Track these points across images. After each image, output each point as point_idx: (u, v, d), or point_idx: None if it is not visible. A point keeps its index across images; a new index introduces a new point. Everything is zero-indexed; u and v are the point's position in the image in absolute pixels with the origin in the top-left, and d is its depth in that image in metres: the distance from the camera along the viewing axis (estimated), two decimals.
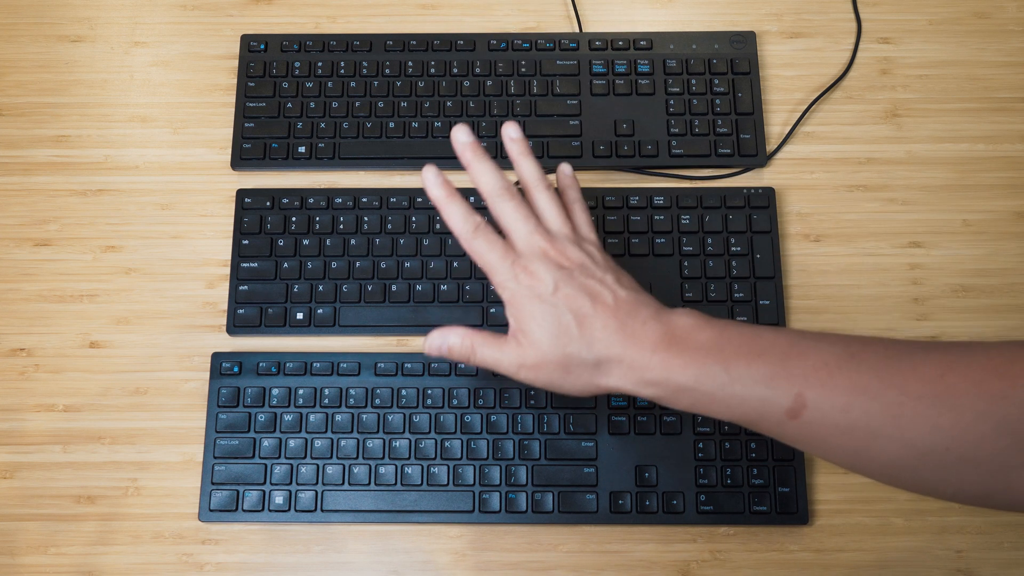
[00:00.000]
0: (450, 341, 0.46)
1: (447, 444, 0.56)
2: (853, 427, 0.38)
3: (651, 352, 0.42)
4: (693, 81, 0.65)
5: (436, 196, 0.46)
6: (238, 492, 0.55)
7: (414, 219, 0.61)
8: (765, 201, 0.61)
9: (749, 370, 0.40)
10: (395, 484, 0.55)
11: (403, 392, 0.57)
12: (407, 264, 0.60)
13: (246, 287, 0.60)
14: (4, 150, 0.64)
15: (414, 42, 0.66)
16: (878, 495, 0.56)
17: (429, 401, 0.57)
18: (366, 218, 0.61)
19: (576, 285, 0.43)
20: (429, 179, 0.46)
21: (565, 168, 0.51)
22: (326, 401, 0.57)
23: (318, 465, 0.56)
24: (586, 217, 0.48)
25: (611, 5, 0.69)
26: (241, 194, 0.62)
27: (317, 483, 0.56)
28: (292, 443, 0.56)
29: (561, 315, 0.43)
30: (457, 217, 0.46)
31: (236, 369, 0.58)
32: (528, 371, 0.45)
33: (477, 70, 0.65)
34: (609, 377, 0.43)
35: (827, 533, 0.56)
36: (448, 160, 0.63)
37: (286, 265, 0.60)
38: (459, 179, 0.64)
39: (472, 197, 0.62)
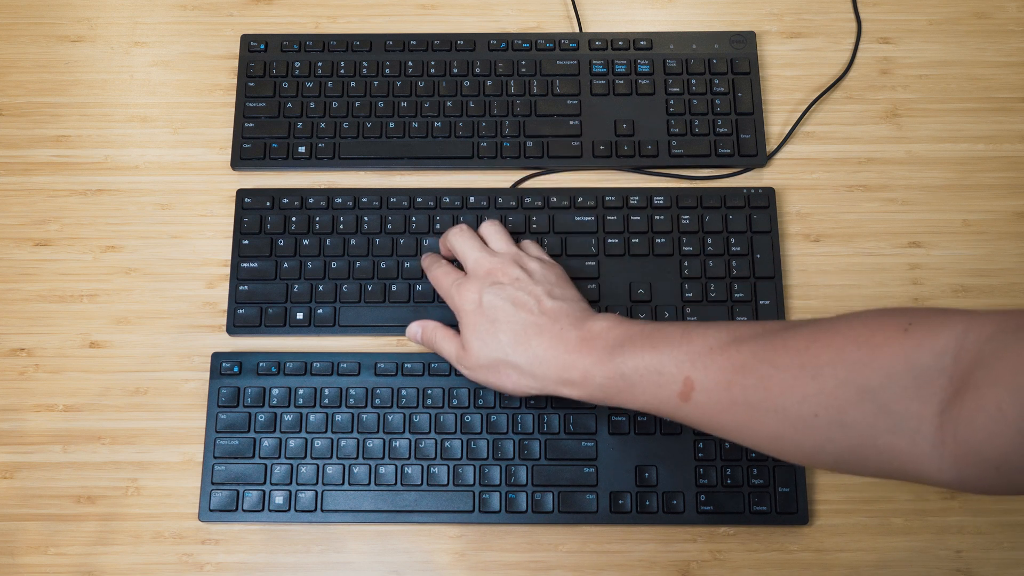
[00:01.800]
0: (415, 330, 0.56)
1: (447, 444, 0.56)
2: (735, 403, 0.41)
3: (567, 353, 0.47)
4: (693, 81, 0.65)
5: (424, 263, 0.58)
6: (238, 492, 0.55)
7: (414, 219, 0.61)
8: (765, 201, 0.61)
9: (643, 360, 0.45)
10: (395, 484, 0.55)
11: (403, 392, 0.57)
12: (407, 264, 0.60)
13: (246, 287, 0.60)
14: (4, 150, 0.64)
15: (414, 42, 0.66)
16: (878, 495, 0.56)
17: (429, 401, 0.57)
18: (366, 218, 0.61)
19: (504, 296, 0.50)
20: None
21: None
22: (326, 401, 0.57)
23: (318, 465, 0.56)
24: (534, 244, 0.57)
25: (611, 5, 0.69)
26: (241, 194, 0.62)
27: (317, 483, 0.56)
28: (292, 443, 0.56)
29: (487, 323, 0.50)
30: (426, 259, 0.58)
31: (236, 369, 0.58)
32: (465, 369, 0.52)
33: (477, 70, 0.65)
34: (535, 378, 0.49)
35: (827, 533, 0.56)
36: (445, 160, 0.63)
37: (286, 265, 0.60)
38: (459, 179, 0.64)
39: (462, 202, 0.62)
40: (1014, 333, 0.35)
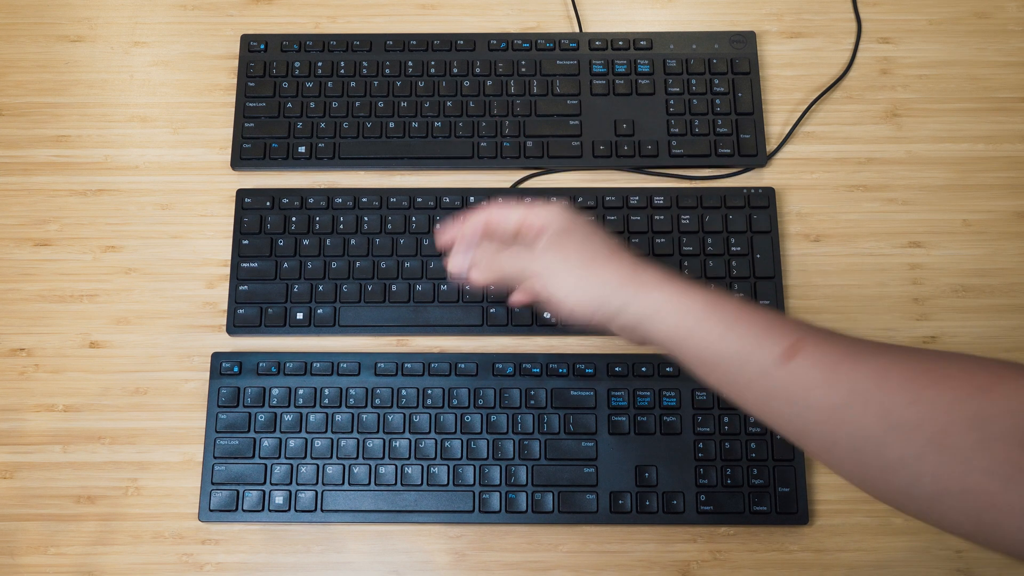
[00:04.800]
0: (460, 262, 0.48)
1: (447, 444, 0.56)
2: (838, 383, 0.38)
3: (663, 278, 0.42)
4: (693, 81, 0.65)
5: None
6: (238, 492, 0.55)
7: (414, 219, 0.61)
8: (765, 201, 0.61)
9: (754, 311, 0.41)
10: (395, 484, 0.55)
11: (403, 392, 0.57)
12: (407, 264, 0.60)
13: (246, 287, 0.60)
14: (4, 150, 0.64)
15: (414, 42, 0.66)
16: None
17: (429, 401, 0.57)
18: (366, 218, 0.61)
19: (586, 228, 0.44)
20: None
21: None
22: (326, 401, 0.57)
23: (318, 465, 0.56)
24: None
25: (611, 5, 0.69)
26: (241, 194, 0.62)
27: (317, 483, 0.56)
28: (292, 443, 0.56)
29: (565, 237, 0.44)
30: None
31: (236, 369, 0.58)
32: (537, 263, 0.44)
33: (477, 70, 0.65)
34: (620, 280, 0.43)
35: (827, 533, 0.56)
36: (445, 160, 0.63)
37: (286, 265, 0.60)
38: (459, 179, 0.64)
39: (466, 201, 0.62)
40: None
